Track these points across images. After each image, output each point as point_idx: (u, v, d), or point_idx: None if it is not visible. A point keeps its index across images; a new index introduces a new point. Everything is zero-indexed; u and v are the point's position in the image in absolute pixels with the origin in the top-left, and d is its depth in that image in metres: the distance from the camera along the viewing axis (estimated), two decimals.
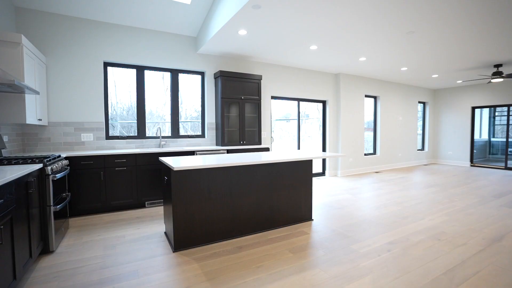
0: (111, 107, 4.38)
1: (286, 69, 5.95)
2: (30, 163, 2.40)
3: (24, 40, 2.93)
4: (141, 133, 4.55)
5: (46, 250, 2.49)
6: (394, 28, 3.76)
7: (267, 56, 5.17)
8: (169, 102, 4.82)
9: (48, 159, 2.58)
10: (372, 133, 7.73)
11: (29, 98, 3.05)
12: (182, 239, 2.55)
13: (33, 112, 3.19)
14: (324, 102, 6.75)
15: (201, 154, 4.36)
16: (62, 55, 3.87)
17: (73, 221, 3.39)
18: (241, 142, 5.03)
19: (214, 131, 5.13)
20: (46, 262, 2.34)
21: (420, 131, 9.12)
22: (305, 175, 3.33)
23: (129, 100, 4.52)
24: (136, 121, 4.52)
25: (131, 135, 4.50)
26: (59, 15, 3.83)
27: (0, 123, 2.93)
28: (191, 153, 4.30)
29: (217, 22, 3.85)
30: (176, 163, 2.50)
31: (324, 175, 6.76)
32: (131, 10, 3.96)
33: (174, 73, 4.80)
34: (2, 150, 2.96)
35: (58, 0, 3.62)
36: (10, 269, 1.76)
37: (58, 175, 2.63)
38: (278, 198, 3.13)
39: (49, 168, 2.47)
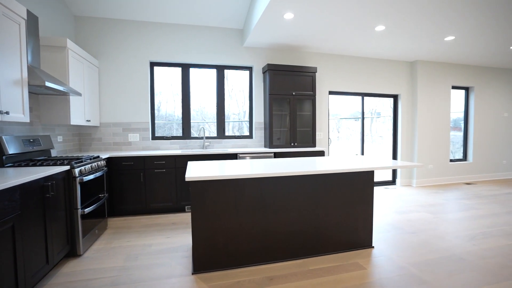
0: (157, 107, 4.37)
1: (345, 59, 5.10)
2: (59, 164, 2.36)
3: (70, 43, 2.99)
4: (185, 133, 4.42)
5: (73, 253, 2.42)
6: None
7: (322, 44, 4.46)
8: (215, 100, 4.58)
9: (78, 160, 2.52)
10: (460, 134, 6.14)
11: (75, 100, 3.13)
12: (203, 260, 2.17)
13: (80, 113, 3.28)
14: (395, 97, 5.61)
15: (243, 158, 3.96)
16: (113, 57, 3.98)
17: (113, 221, 3.39)
18: (292, 144, 4.46)
19: (263, 131, 4.69)
20: (68, 267, 2.25)
21: None
22: (364, 189, 2.58)
23: (174, 99, 4.44)
24: (181, 121, 4.41)
25: (176, 135, 4.40)
26: (110, 19, 3.95)
27: (48, 125, 3.06)
28: (234, 155, 3.94)
29: (259, 5, 3.38)
30: (193, 170, 2.13)
31: (394, 184, 5.62)
32: (175, 6, 3.82)
33: (220, 70, 4.54)
34: (51, 150, 3.10)
35: (110, 5, 3.71)
36: (11, 278, 1.64)
37: (88, 177, 2.56)
38: (327, 217, 2.48)
39: (77, 170, 2.40)
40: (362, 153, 5.46)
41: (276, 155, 4.16)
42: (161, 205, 3.65)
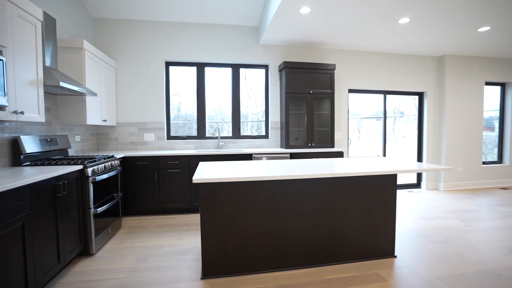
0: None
1: (366, 55, 4.84)
2: (73, 164, 2.37)
3: (86, 44, 3.03)
4: (200, 133, 4.39)
5: (86, 252, 2.43)
6: None
7: (341, 40, 4.25)
8: (230, 100, 4.50)
9: (91, 160, 2.53)
10: (493, 134, 5.65)
11: (91, 100, 3.17)
12: (212, 265, 2.08)
13: (97, 113, 3.32)
14: (420, 95, 5.26)
15: (258, 158, 3.86)
16: (129, 58, 4.02)
17: (127, 220, 3.41)
18: (309, 145, 4.29)
19: (279, 131, 4.56)
20: (80, 266, 2.25)
21: None
22: (386, 193, 2.39)
23: (189, 99, 4.42)
24: (196, 121, 4.39)
25: (191, 135, 4.38)
26: (127, 20, 3.99)
27: (66, 124, 3.12)
28: (249, 156, 3.85)
29: (275, 0, 3.26)
30: (203, 172, 2.05)
31: (419, 187, 5.27)
32: (190, 5, 3.79)
33: (235, 68, 4.46)
34: (69, 150, 3.16)
35: (127, 6, 3.74)
36: (21, 276, 1.64)
37: (101, 177, 2.57)
38: (345, 222, 2.31)
39: (89, 169, 2.40)
40: (384, 154, 5.17)
41: (293, 156, 4.02)
42: (175, 205, 3.62)
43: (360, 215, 2.34)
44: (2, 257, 1.50)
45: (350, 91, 4.91)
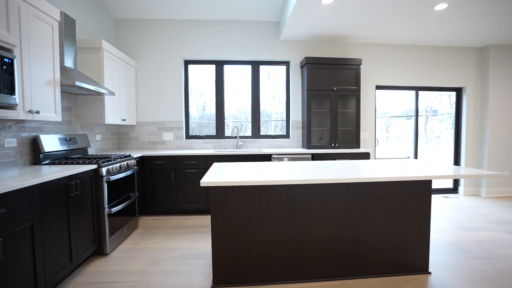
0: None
1: (396, 48, 4.47)
2: (88, 163, 2.37)
3: (105, 44, 3.05)
4: (219, 132, 4.31)
5: (100, 252, 2.42)
6: None
7: (367, 32, 3.94)
8: (249, 98, 4.37)
9: (106, 159, 2.52)
10: None
11: (110, 99, 3.19)
12: (224, 273, 1.96)
13: (115, 112, 3.34)
14: (458, 91, 4.77)
15: (278, 159, 3.68)
16: (149, 57, 4.03)
17: (144, 220, 3.40)
18: (332, 145, 4.04)
19: (300, 130, 4.35)
20: (94, 266, 2.24)
21: None
22: (419, 201, 2.11)
23: (208, 97, 4.35)
24: (215, 120, 4.31)
25: (209, 134, 4.31)
26: (147, 20, 4.00)
27: (86, 124, 3.16)
28: (268, 156, 3.69)
29: None
30: (210, 174, 1.93)
31: (456, 193, 4.79)
32: (209, 2, 3.71)
33: (255, 66, 4.32)
34: (88, 148, 3.20)
35: (147, 6, 3.75)
36: (30, 276, 1.62)
37: (116, 176, 2.55)
38: (370, 232, 2.08)
39: (104, 169, 2.39)
40: (416, 156, 4.76)
41: (314, 157, 3.79)
42: (192, 206, 3.57)
43: (388, 224, 2.09)
44: (11, 257, 1.49)
45: (378, 87, 4.56)
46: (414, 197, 2.11)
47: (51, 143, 2.46)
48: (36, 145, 2.35)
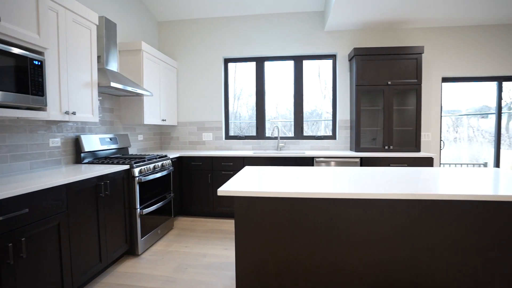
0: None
1: (468, 30, 3.67)
2: (122, 163, 2.39)
3: (145, 46, 3.10)
4: (259, 133, 4.11)
5: (132, 252, 2.42)
6: None
7: (429, 14, 3.30)
8: (292, 96, 4.08)
9: (139, 160, 2.52)
10: None
11: (149, 100, 3.24)
12: None
13: (155, 113, 3.39)
14: None
15: (321, 163, 3.33)
16: (189, 58, 4.04)
17: (180, 221, 3.38)
18: (386, 148, 3.51)
19: (348, 131, 3.90)
20: (124, 267, 2.23)
21: None
22: (506, 226, 1.58)
23: (248, 96, 4.19)
24: (255, 120, 4.12)
25: (249, 135, 4.14)
26: (187, 20, 4.01)
27: (128, 124, 3.26)
28: (310, 160, 3.36)
29: None
30: (234, 181, 1.72)
31: None
32: None
33: (298, 61, 4.00)
34: (129, 148, 3.30)
35: (188, 6, 3.74)
36: (57, 274, 1.63)
37: (149, 177, 2.53)
38: (434, 262, 1.63)
39: (136, 170, 2.38)
40: (497, 164, 3.86)
41: (364, 162, 3.32)
42: (228, 209, 3.43)
43: (461, 255, 1.61)
44: (37, 255, 1.50)
45: (445, 79, 3.83)
46: (501, 221, 1.58)
47: (91, 143, 2.55)
48: (78, 145, 2.45)
